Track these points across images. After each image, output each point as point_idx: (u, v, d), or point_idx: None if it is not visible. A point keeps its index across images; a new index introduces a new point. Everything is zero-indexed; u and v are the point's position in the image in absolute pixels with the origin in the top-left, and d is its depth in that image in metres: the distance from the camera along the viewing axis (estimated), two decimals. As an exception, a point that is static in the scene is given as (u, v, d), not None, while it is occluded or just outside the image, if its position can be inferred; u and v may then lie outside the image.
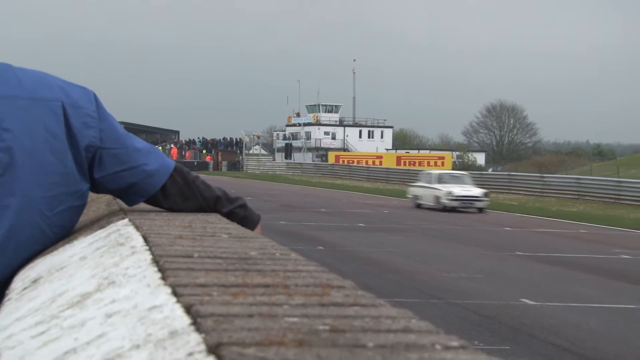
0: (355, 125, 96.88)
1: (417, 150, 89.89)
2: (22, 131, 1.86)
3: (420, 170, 43.67)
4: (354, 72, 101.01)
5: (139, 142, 2.09)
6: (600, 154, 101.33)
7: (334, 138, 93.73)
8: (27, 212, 1.88)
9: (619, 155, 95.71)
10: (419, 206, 32.60)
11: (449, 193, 30.98)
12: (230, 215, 2.18)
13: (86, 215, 2.61)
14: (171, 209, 2.14)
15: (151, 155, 2.07)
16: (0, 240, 1.85)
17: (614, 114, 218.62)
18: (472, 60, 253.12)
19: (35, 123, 1.87)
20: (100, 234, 1.84)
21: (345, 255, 16.55)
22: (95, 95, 2.02)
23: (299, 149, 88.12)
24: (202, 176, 2.34)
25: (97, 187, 2.05)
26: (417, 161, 77.48)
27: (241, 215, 2.21)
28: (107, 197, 2.82)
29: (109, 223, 1.97)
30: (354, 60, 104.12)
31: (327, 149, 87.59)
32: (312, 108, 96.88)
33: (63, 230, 1.99)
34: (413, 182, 36.25)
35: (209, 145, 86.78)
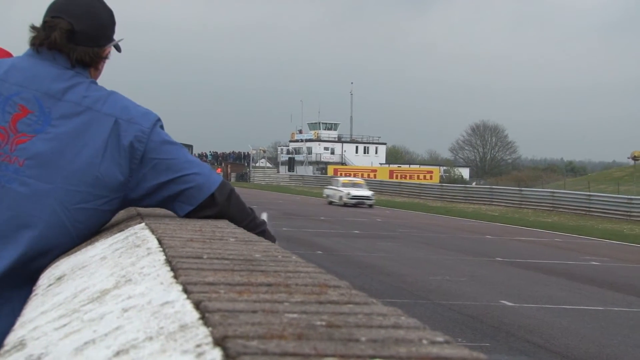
0: (352, 141, 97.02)
1: (408, 165, 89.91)
2: (67, 131, 1.92)
3: (332, 177, 52.03)
4: (352, 94, 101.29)
5: (192, 158, 2.07)
6: (573, 170, 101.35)
7: (333, 153, 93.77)
8: (49, 198, 1.89)
9: (590, 172, 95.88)
10: (330, 203, 40.97)
11: (348, 194, 39.71)
12: None
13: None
14: (232, 219, 2.06)
15: (202, 167, 2.07)
16: (28, 218, 1.88)
17: (586, 135, 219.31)
18: (459, 85, 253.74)
19: (82, 128, 1.93)
20: (119, 236, 1.83)
21: (342, 259, 16.53)
22: (158, 118, 2.03)
23: (301, 163, 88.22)
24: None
25: (142, 197, 2.04)
26: (408, 175, 77.36)
27: None
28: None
29: (127, 227, 1.96)
30: (352, 82, 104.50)
31: (327, 163, 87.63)
32: (313, 126, 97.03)
33: (86, 229, 1.97)
34: (332, 187, 42.97)
35: (220, 158, 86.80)
